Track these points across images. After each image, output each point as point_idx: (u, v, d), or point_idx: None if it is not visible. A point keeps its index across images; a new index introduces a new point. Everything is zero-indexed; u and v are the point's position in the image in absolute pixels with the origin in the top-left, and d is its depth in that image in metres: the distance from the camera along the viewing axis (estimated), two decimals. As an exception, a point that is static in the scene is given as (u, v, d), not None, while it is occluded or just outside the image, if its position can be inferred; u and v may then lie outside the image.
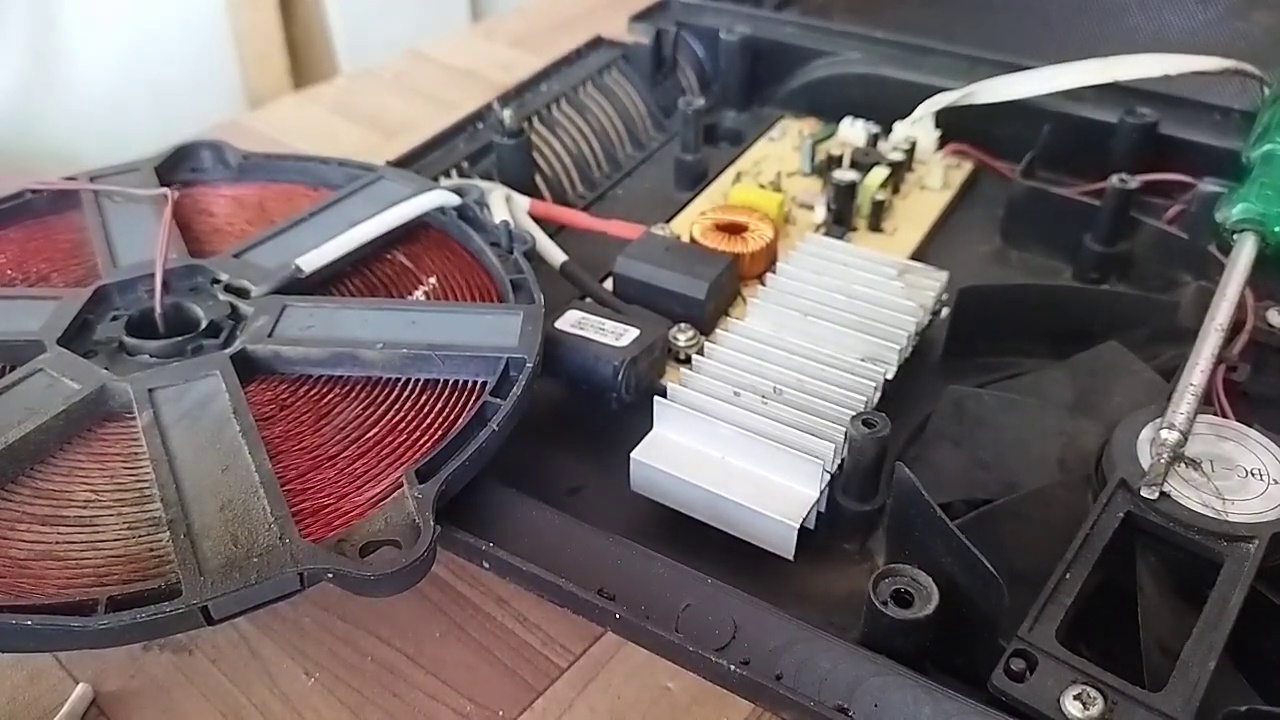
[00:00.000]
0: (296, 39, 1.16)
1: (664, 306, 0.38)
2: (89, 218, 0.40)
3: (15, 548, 0.28)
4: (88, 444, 0.31)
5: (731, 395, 0.33)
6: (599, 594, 0.29)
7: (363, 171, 0.43)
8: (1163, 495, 0.29)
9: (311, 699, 0.30)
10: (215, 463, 0.30)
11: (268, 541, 0.27)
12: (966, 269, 0.42)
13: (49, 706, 0.30)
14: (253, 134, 0.61)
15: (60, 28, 0.99)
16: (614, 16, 0.60)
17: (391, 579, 0.26)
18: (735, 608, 0.28)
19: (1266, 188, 0.35)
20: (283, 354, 0.34)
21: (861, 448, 0.31)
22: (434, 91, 0.66)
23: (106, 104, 1.00)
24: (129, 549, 0.28)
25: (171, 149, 0.44)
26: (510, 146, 0.46)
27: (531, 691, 0.31)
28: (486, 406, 0.32)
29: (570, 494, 0.35)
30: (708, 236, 0.41)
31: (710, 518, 0.32)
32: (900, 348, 0.35)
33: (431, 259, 0.40)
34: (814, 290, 0.37)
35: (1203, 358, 0.31)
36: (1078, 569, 0.27)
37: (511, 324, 0.35)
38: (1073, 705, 0.24)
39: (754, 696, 0.27)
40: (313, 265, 0.37)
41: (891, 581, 0.27)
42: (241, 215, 0.42)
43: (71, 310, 0.35)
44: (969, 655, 0.27)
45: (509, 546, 0.30)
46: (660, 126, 0.55)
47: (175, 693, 0.30)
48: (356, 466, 0.31)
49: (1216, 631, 0.26)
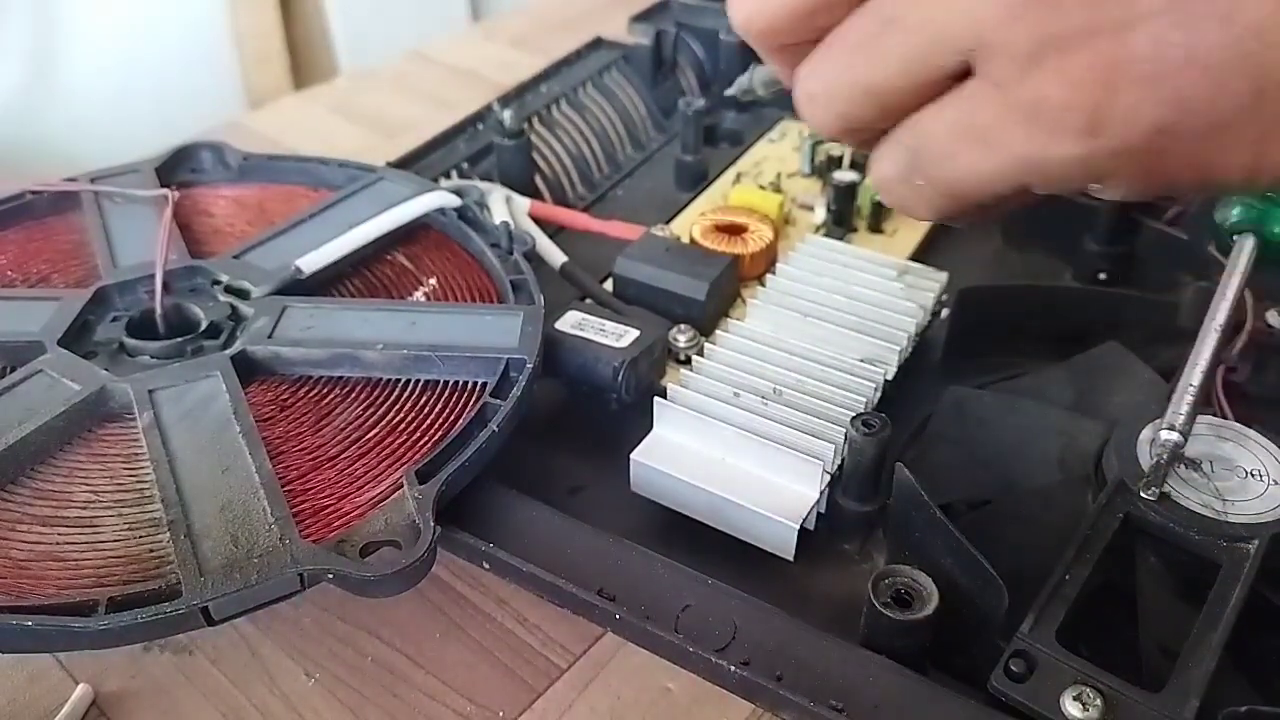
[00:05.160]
0: (297, 40, 1.16)
1: (664, 307, 0.38)
2: (89, 219, 0.40)
3: (16, 548, 0.28)
4: (88, 445, 0.31)
5: (731, 396, 0.33)
6: (599, 594, 0.29)
7: (363, 172, 0.43)
8: (1162, 496, 0.29)
9: (312, 699, 0.30)
10: (215, 463, 0.30)
11: (268, 542, 0.27)
12: (966, 269, 0.42)
13: (49, 707, 0.30)
14: (253, 135, 0.61)
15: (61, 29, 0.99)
16: (614, 17, 0.60)
17: (392, 579, 0.27)
18: (735, 608, 0.28)
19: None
20: (283, 355, 0.34)
21: (861, 448, 0.31)
22: (434, 92, 0.66)
23: (107, 105, 1.00)
24: (129, 549, 0.28)
25: (172, 150, 0.44)
26: (510, 147, 0.46)
27: (531, 692, 0.31)
28: (487, 407, 0.32)
29: (570, 494, 0.35)
30: (708, 237, 0.41)
31: (710, 518, 0.32)
32: (900, 348, 0.35)
33: (432, 260, 0.40)
34: (814, 291, 0.37)
35: (1202, 358, 0.31)
36: (1078, 569, 0.27)
37: (512, 325, 0.35)
38: (1072, 706, 0.24)
39: (754, 697, 0.27)
40: (313, 266, 0.37)
41: (891, 582, 0.27)
42: (242, 216, 0.42)
43: (72, 311, 0.35)
44: (969, 655, 0.27)
45: (509, 547, 0.30)
46: (660, 127, 0.55)
47: (175, 693, 0.30)
48: (357, 467, 0.31)
49: (1216, 631, 0.26)
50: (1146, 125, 0.20)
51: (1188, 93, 0.20)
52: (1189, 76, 0.20)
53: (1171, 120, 0.20)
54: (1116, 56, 0.20)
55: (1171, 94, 0.20)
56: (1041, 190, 0.23)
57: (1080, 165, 0.21)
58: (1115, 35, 0.20)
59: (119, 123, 0.99)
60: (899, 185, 0.25)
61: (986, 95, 0.21)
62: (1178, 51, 0.20)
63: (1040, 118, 0.21)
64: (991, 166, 0.22)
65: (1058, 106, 0.21)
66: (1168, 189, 0.23)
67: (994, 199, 0.23)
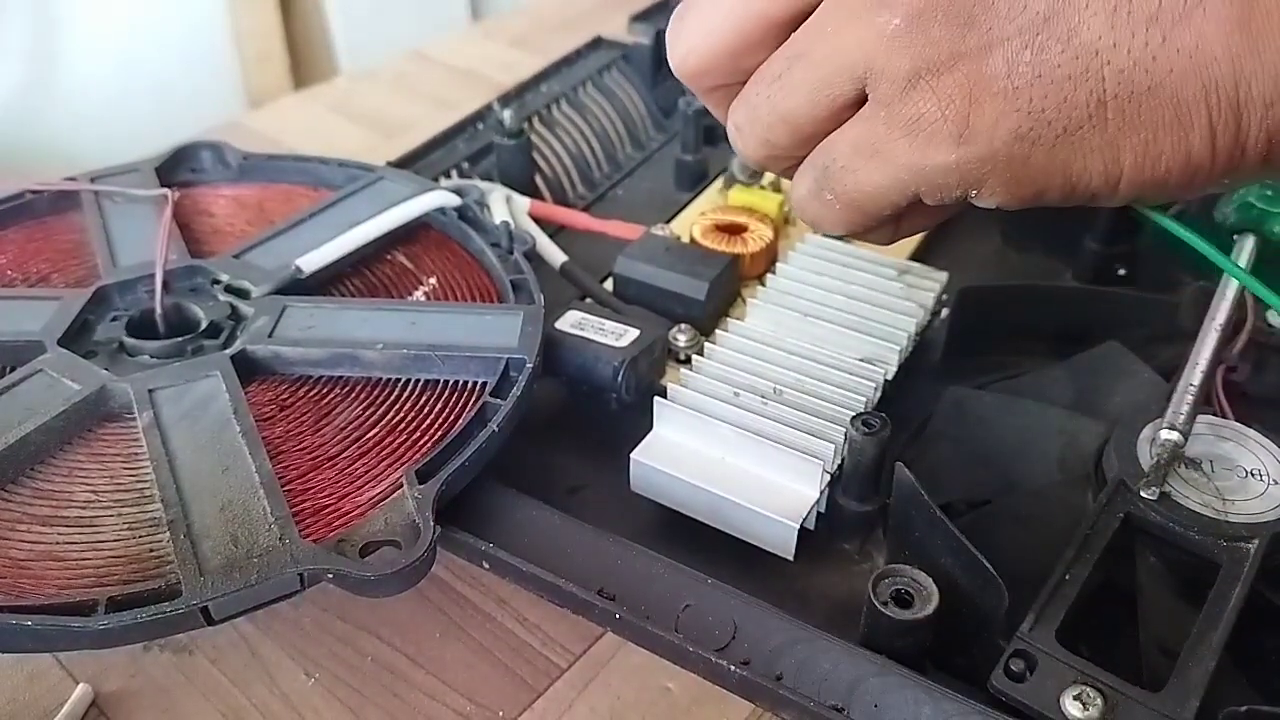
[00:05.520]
0: (297, 39, 1.16)
1: (664, 307, 0.38)
2: (89, 218, 0.40)
3: (15, 548, 0.28)
4: (88, 444, 0.31)
5: (731, 396, 0.33)
6: (599, 594, 0.29)
7: (363, 172, 0.43)
8: (1162, 495, 0.29)
9: (312, 699, 0.30)
10: (215, 463, 0.30)
11: (268, 542, 0.27)
12: (966, 269, 0.42)
13: (49, 707, 0.30)
14: (253, 134, 0.61)
15: (61, 28, 0.99)
16: (614, 17, 0.60)
17: (391, 579, 0.27)
18: (735, 608, 0.28)
19: (1265, 188, 0.35)
20: (283, 354, 0.34)
21: (861, 448, 0.31)
22: (434, 92, 0.66)
23: (107, 104, 1.00)
24: (129, 549, 0.28)
25: (172, 149, 0.44)
26: (510, 147, 0.46)
27: (531, 692, 0.31)
28: (487, 407, 0.32)
29: (570, 494, 0.35)
30: (708, 237, 0.41)
31: (710, 518, 0.32)
32: (900, 348, 0.35)
33: (432, 259, 0.40)
34: (814, 291, 0.37)
35: (1202, 358, 0.31)
36: (1078, 569, 0.27)
37: (511, 324, 0.35)
38: (1072, 705, 0.24)
39: (754, 696, 0.27)
40: (313, 266, 0.37)
41: (891, 582, 0.27)
42: (241, 216, 0.42)
43: (72, 311, 0.35)
44: (969, 655, 0.28)
45: (509, 547, 0.30)
46: (660, 127, 0.55)
47: (175, 693, 0.30)
48: (357, 467, 0.31)
49: (1216, 631, 0.26)
50: (1006, 133, 0.23)
51: (1038, 104, 0.23)
52: (1039, 90, 0.23)
53: (1026, 128, 0.23)
54: (978, 75, 0.23)
55: (1025, 105, 0.23)
56: (930, 200, 0.26)
57: (955, 172, 0.24)
58: (976, 58, 0.23)
59: (119, 122, 0.99)
60: (811, 201, 0.28)
61: (877, 115, 0.25)
62: (1027, 69, 0.23)
63: (919, 131, 0.24)
64: (884, 176, 0.26)
65: (932, 120, 0.24)
66: (1038, 196, 0.25)
67: (892, 209, 0.27)
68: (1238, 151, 0.23)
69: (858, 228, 0.28)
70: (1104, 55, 0.22)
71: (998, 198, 0.25)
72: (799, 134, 0.27)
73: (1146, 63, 0.22)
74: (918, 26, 0.23)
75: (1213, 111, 0.22)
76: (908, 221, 0.29)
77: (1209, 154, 0.23)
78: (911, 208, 0.27)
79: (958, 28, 0.23)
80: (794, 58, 0.26)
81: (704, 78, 0.28)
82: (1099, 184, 0.24)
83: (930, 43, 0.23)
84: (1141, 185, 0.24)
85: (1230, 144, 0.23)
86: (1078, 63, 0.22)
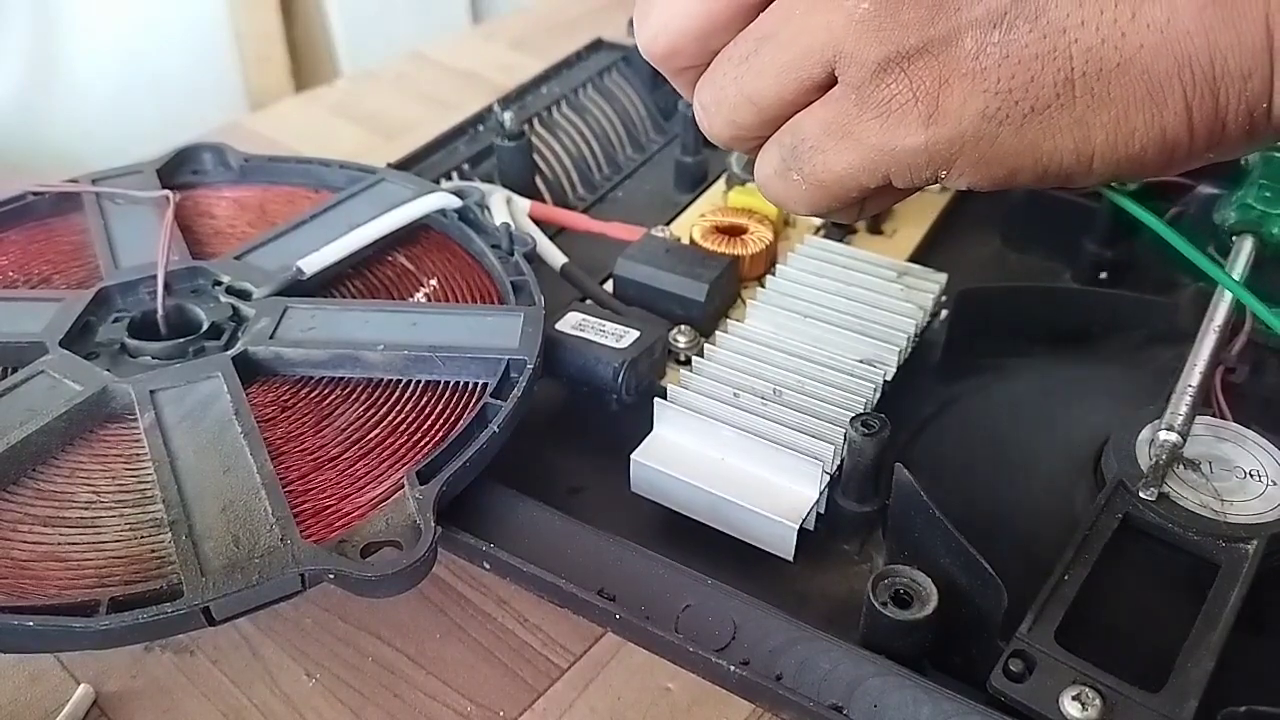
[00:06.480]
0: (297, 41, 1.16)
1: (664, 308, 0.39)
2: (91, 220, 0.40)
3: (17, 549, 0.28)
4: (90, 445, 0.31)
5: (731, 397, 0.33)
6: (599, 594, 0.29)
7: (364, 174, 0.43)
8: (1161, 496, 0.29)
9: (313, 699, 0.30)
10: (217, 464, 0.30)
11: (269, 542, 0.27)
12: (966, 271, 0.42)
13: (50, 707, 0.30)
14: (254, 136, 0.61)
15: (62, 30, 0.99)
16: (614, 18, 0.60)
17: (392, 580, 0.27)
18: (735, 608, 0.28)
19: (1264, 190, 0.36)
20: (284, 355, 0.34)
21: (860, 449, 0.31)
22: (435, 93, 0.66)
23: (108, 106, 1.01)
24: (131, 550, 0.28)
25: (173, 151, 0.44)
26: (511, 149, 0.46)
27: (532, 692, 0.31)
28: (487, 408, 0.32)
29: (570, 495, 0.35)
30: (708, 238, 0.41)
31: (710, 518, 0.32)
32: (899, 349, 0.35)
33: (432, 261, 0.40)
34: (813, 292, 0.37)
35: (1201, 359, 0.31)
36: (1076, 569, 0.27)
37: (512, 326, 0.35)
38: (1072, 705, 0.24)
39: (754, 697, 0.27)
40: (314, 267, 0.37)
41: (891, 582, 0.27)
42: (243, 217, 0.42)
43: (73, 312, 0.35)
44: (968, 655, 0.28)
45: (509, 547, 0.30)
46: (660, 129, 0.55)
47: (176, 693, 0.31)
48: (358, 468, 0.31)
49: (1215, 632, 0.26)
50: (974, 113, 0.23)
51: (1006, 84, 0.23)
52: (1007, 69, 0.23)
53: (994, 108, 0.23)
54: (948, 57, 0.23)
55: (993, 85, 0.23)
56: (900, 182, 0.26)
57: (925, 153, 0.24)
58: (946, 40, 0.23)
59: (120, 123, 0.99)
60: (777, 180, 0.28)
61: (847, 98, 0.25)
62: (995, 49, 0.23)
63: (890, 113, 0.24)
64: (854, 157, 0.25)
65: (903, 102, 0.24)
66: (1010, 177, 0.25)
67: (860, 190, 0.26)
68: (1218, 126, 0.23)
69: (824, 208, 0.28)
70: (1071, 33, 0.22)
71: (967, 178, 0.25)
72: (765, 114, 0.27)
73: (1115, 39, 0.22)
74: (887, 10, 0.23)
75: (1187, 87, 0.22)
76: (873, 201, 0.29)
77: (1186, 130, 0.23)
78: (878, 188, 0.27)
79: (927, 10, 0.23)
80: (762, 39, 0.26)
81: (673, 59, 0.28)
82: (1071, 163, 0.24)
83: (900, 26, 0.23)
84: (1116, 163, 0.24)
85: (1209, 119, 0.23)
86: (1045, 41, 0.22)
